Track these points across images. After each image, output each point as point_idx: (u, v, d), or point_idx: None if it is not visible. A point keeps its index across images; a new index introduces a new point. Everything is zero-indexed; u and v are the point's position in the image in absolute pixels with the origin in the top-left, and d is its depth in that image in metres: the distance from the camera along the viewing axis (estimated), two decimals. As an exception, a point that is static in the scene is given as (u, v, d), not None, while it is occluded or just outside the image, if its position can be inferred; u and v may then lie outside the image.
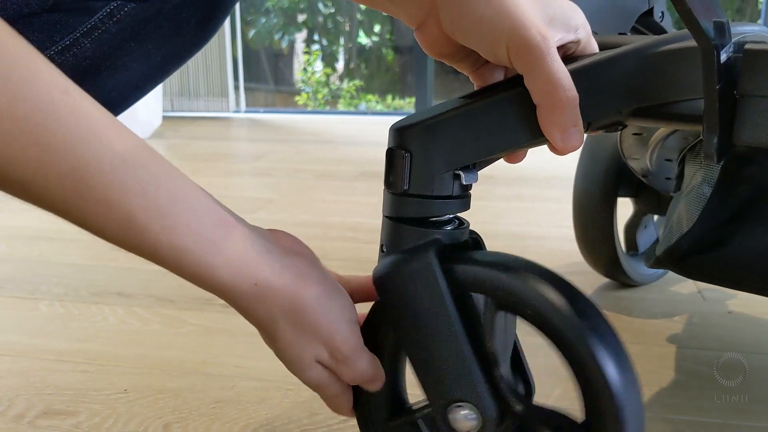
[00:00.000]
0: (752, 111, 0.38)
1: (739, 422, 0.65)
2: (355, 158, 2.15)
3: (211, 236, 0.37)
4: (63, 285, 1.01)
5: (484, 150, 0.40)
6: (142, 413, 0.66)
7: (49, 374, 0.74)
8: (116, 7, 0.43)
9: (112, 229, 0.34)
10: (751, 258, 0.54)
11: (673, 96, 0.40)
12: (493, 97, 0.40)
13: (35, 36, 0.41)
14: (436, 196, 0.40)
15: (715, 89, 0.37)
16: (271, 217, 1.42)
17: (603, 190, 0.91)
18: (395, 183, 0.40)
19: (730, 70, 0.37)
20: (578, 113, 0.39)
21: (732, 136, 0.39)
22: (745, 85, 0.38)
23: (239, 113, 3.40)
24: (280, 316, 0.40)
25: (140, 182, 0.34)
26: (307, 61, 5.10)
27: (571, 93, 0.38)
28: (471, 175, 0.40)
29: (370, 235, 1.28)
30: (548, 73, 0.37)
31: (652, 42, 0.41)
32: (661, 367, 0.76)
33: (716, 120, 0.38)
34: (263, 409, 0.67)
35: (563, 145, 0.39)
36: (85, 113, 0.33)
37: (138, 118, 2.51)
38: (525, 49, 0.37)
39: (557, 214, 1.39)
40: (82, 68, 0.44)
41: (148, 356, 0.78)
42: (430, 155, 0.39)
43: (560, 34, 0.40)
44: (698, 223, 0.56)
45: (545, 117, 0.39)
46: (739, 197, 0.54)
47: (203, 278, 0.37)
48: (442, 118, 0.39)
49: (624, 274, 0.96)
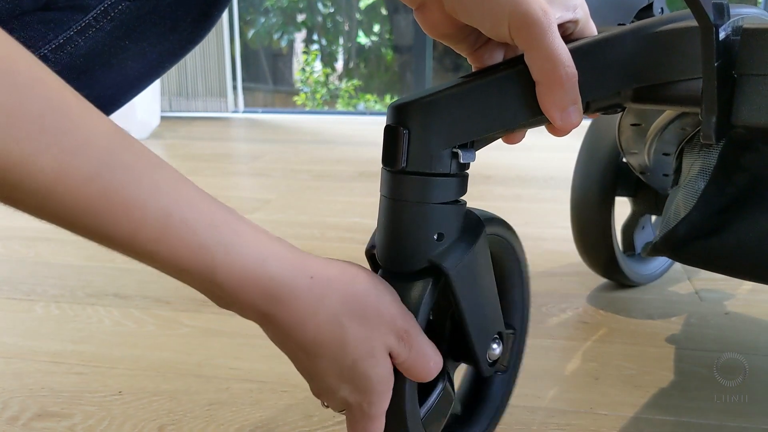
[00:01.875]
0: (750, 90, 0.39)
1: (736, 423, 0.65)
2: (353, 158, 2.15)
3: (255, 232, 0.35)
4: (59, 286, 1.01)
5: (484, 128, 0.40)
6: (136, 415, 0.66)
7: (44, 376, 0.74)
8: (111, 5, 0.43)
9: (144, 233, 0.31)
10: (749, 245, 0.54)
11: (672, 75, 0.40)
12: (493, 76, 0.40)
13: (28, 34, 0.41)
14: (434, 174, 0.40)
15: (714, 68, 0.37)
16: (268, 218, 1.42)
17: (601, 190, 0.91)
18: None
19: (728, 49, 0.38)
20: (577, 91, 0.39)
21: (730, 115, 0.39)
22: (744, 64, 0.38)
23: (237, 113, 3.40)
24: (342, 311, 0.37)
25: (171, 179, 0.32)
26: (306, 61, 5.09)
27: (570, 70, 0.38)
28: (468, 154, 0.40)
29: (368, 235, 1.27)
30: (548, 50, 0.37)
31: (651, 22, 0.41)
32: (658, 368, 0.75)
33: (714, 99, 0.38)
34: (258, 411, 0.66)
35: (562, 123, 0.39)
36: (96, 113, 0.31)
37: (136, 118, 2.50)
38: (526, 26, 0.37)
39: (555, 215, 1.38)
40: (76, 66, 0.44)
41: (143, 358, 0.78)
42: (429, 132, 0.39)
43: (559, 12, 0.40)
44: (695, 210, 0.56)
45: (544, 94, 0.39)
46: (737, 185, 0.54)
47: (252, 277, 0.34)
48: (440, 95, 0.39)
49: (621, 274, 0.96)
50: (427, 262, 0.41)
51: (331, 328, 0.37)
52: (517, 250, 0.49)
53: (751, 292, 0.97)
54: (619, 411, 0.67)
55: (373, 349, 0.39)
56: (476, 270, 0.43)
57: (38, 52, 0.42)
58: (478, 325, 0.44)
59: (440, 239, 0.41)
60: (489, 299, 0.45)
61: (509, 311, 0.51)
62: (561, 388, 0.71)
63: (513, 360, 0.52)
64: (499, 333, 0.47)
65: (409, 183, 0.40)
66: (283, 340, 0.38)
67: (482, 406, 0.53)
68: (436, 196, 0.40)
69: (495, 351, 0.47)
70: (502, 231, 0.48)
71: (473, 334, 0.44)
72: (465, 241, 0.42)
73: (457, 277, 0.41)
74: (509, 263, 0.50)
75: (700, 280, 1.02)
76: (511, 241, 0.49)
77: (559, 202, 1.49)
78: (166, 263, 0.33)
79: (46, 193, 0.28)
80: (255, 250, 0.35)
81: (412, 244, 0.41)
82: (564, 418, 0.65)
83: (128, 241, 0.31)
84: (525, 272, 0.51)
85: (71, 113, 0.29)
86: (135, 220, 0.31)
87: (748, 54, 0.38)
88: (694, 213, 0.56)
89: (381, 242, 0.43)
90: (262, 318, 0.37)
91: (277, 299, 0.36)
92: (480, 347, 0.45)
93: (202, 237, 0.33)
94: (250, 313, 0.37)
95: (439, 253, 0.41)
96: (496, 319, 0.46)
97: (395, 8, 4.71)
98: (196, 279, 0.34)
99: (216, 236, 0.33)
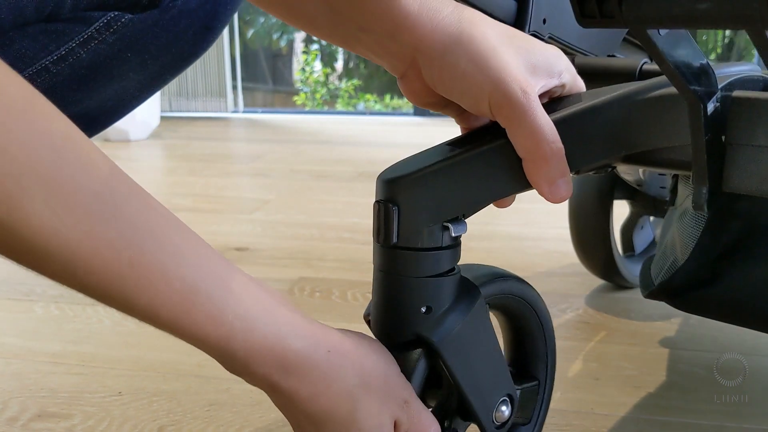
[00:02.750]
0: (742, 159, 0.38)
1: (735, 425, 0.65)
2: (352, 158, 2.15)
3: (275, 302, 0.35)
4: (58, 287, 1.00)
5: (473, 201, 0.40)
6: (136, 416, 0.66)
7: (44, 377, 0.73)
8: (113, 18, 0.43)
9: (168, 306, 0.31)
10: (745, 294, 0.54)
11: (660, 143, 0.40)
12: (480, 149, 0.40)
13: (30, 45, 0.41)
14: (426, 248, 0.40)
15: (703, 141, 0.36)
16: (268, 218, 1.42)
17: (599, 192, 0.91)
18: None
19: (717, 120, 0.37)
20: (565, 164, 0.39)
21: (722, 184, 0.38)
22: (734, 134, 0.37)
23: (237, 113, 3.40)
24: (356, 384, 0.37)
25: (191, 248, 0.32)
26: (305, 61, 5.09)
27: (555, 146, 0.38)
28: (459, 227, 0.40)
29: (367, 236, 1.27)
30: (531, 128, 0.37)
31: (638, 89, 0.40)
32: (657, 369, 0.75)
33: (705, 171, 0.37)
34: (258, 412, 0.66)
35: (551, 196, 0.39)
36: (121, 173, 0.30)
37: (136, 118, 2.50)
38: (507, 106, 0.37)
39: (554, 215, 1.38)
40: (78, 78, 0.44)
41: (142, 358, 0.78)
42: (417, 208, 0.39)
43: (543, 81, 0.40)
44: (691, 259, 0.55)
45: (531, 170, 0.39)
46: (731, 233, 0.54)
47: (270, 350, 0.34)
48: (428, 170, 0.39)
49: (620, 275, 0.96)
50: (414, 336, 0.41)
51: (344, 400, 0.37)
52: (531, 302, 0.48)
53: (750, 293, 0.97)
54: (619, 411, 0.67)
55: (382, 422, 0.39)
56: (470, 338, 0.42)
57: (40, 63, 0.42)
58: (477, 391, 0.43)
59: (428, 312, 0.41)
60: (490, 364, 0.44)
61: (532, 363, 0.50)
62: (561, 388, 0.71)
63: (536, 412, 0.50)
64: (509, 395, 0.46)
65: (399, 257, 0.40)
66: (292, 410, 0.38)
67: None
68: (425, 269, 0.40)
69: (504, 413, 0.45)
70: (511, 287, 0.46)
71: (472, 399, 0.43)
72: (457, 310, 0.41)
73: (446, 348, 0.41)
74: (526, 316, 0.49)
75: (699, 280, 1.02)
76: (523, 295, 0.47)
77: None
78: (185, 333, 0.32)
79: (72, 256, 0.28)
80: (275, 323, 0.34)
81: (400, 316, 0.41)
82: (564, 419, 0.65)
83: (151, 312, 0.31)
84: (546, 323, 0.50)
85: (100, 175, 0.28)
86: (159, 292, 0.30)
87: (738, 124, 0.37)
88: (690, 262, 0.56)
89: (373, 313, 0.43)
90: (273, 388, 0.36)
91: (292, 372, 0.35)
92: (482, 411, 0.44)
93: (223, 311, 0.32)
94: (261, 383, 0.36)
95: (426, 327, 0.41)
96: (501, 383, 0.45)
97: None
98: (212, 348, 0.33)
99: (237, 309, 0.33)
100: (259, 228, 1.35)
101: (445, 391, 0.45)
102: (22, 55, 0.41)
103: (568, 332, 0.85)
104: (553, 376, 0.51)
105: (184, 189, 1.72)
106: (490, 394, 0.44)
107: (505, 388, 0.46)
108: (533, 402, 0.50)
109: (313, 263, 1.12)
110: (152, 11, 0.44)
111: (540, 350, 0.50)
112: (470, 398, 0.43)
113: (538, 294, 0.49)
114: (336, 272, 1.08)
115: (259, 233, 1.31)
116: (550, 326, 0.50)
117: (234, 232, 1.32)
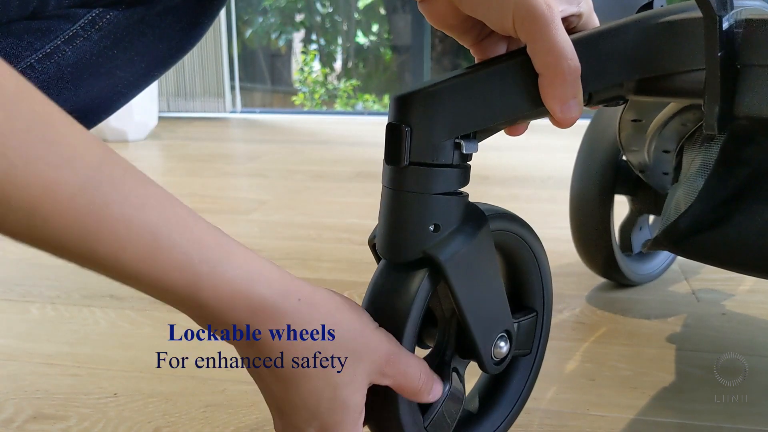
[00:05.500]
0: (754, 81, 0.39)
1: (733, 425, 0.64)
2: (351, 159, 2.14)
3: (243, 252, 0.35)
4: (55, 287, 1.00)
5: (486, 118, 0.40)
6: (132, 417, 0.66)
7: (39, 378, 0.73)
8: (98, 15, 0.43)
9: (130, 251, 0.30)
10: (750, 238, 0.53)
11: (674, 67, 0.41)
12: (495, 66, 0.40)
13: (14, 42, 0.41)
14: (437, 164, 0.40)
15: (717, 58, 0.37)
16: (265, 218, 1.42)
17: (600, 188, 0.90)
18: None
19: (731, 40, 0.38)
20: (579, 85, 0.39)
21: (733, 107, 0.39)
22: (747, 55, 0.39)
23: (235, 113, 3.39)
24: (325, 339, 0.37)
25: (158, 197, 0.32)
26: (304, 61, 5.09)
27: (573, 63, 0.38)
28: (471, 145, 0.40)
29: (365, 236, 1.27)
30: (552, 42, 0.38)
31: (654, 13, 0.41)
32: (654, 369, 0.75)
33: (718, 89, 0.38)
34: (254, 413, 0.66)
35: (562, 116, 0.39)
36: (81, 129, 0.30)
37: (134, 119, 2.50)
38: (530, 19, 0.38)
39: (553, 215, 1.38)
40: (63, 75, 0.43)
41: (138, 359, 0.78)
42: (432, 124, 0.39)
43: (563, 6, 0.40)
44: (697, 202, 0.55)
45: (546, 86, 0.39)
46: (738, 178, 0.54)
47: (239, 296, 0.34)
48: (443, 86, 0.39)
49: (620, 273, 0.95)
50: (422, 253, 0.41)
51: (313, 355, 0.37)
52: (527, 239, 0.49)
53: (748, 293, 0.97)
54: (615, 412, 0.66)
55: (355, 377, 0.38)
56: (475, 263, 0.42)
57: (25, 61, 0.41)
58: (479, 320, 0.43)
59: (436, 230, 0.41)
60: (492, 295, 0.44)
61: (528, 295, 0.51)
62: (557, 389, 0.71)
63: (536, 342, 0.52)
64: (507, 331, 0.46)
65: (410, 173, 0.40)
66: (260, 367, 0.37)
67: (502, 396, 0.52)
68: (435, 186, 0.40)
69: (502, 349, 0.46)
70: (508, 225, 0.47)
71: (474, 329, 0.43)
72: (464, 233, 0.42)
73: (452, 269, 0.41)
74: (521, 253, 0.49)
75: (697, 280, 1.02)
76: (519, 232, 0.48)
77: (556, 203, 1.48)
78: (150, 283, 0.32)
79: (32, 209, 0.27)
80: (243, 269, 0.34)
81: (408, 234, 0.41)
82: (560, 420, 0.65)
83: (113, 259, 0.30)
84: (540, 257, 0.50)
85: (57, 128, 0.28)
86: (121, 238, 0.30)
87: (751, 45, 0.38)
88: (696, 206, 0.56)
89: (380, 232, 0.43)
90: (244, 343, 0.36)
91: (261, 320, 0.35)
92: (483, 344, 0.44)
93: (189, 255, 0.32)
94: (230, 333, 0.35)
95: (434, 245, 0.40)
96: (502, 317, 0.46)
97: (394, 8, 4.70)
98: (181, 298, 0.33)
99: (203, 254, 0.33)
100: (257, 228, 1.35)
101: (442, 327, 0.45)
102: (7, 53, 0.40)
103: (565, 332, 0.85)
104: (550, 309, 0.52)
105: (182, 189, 1.71)
106: (490, 325, 0.44)
107: (505, 323, 0.46)
108: (532, 333, 0.50)
109: (310, 264, 1.12)
110: (137, 8, 0.44)
111: (535, 283, 0.50)
112: (471, 325, 0.43)
113: (533, 231, 0.49)
114: (333, 273, 1.08)
115: (257, 234, 1.31)
116: (544, 260, 0.51)
117: (232, 232, 1.31)
